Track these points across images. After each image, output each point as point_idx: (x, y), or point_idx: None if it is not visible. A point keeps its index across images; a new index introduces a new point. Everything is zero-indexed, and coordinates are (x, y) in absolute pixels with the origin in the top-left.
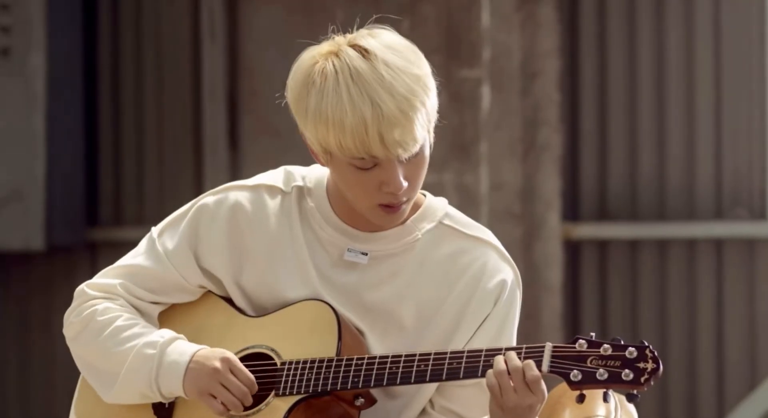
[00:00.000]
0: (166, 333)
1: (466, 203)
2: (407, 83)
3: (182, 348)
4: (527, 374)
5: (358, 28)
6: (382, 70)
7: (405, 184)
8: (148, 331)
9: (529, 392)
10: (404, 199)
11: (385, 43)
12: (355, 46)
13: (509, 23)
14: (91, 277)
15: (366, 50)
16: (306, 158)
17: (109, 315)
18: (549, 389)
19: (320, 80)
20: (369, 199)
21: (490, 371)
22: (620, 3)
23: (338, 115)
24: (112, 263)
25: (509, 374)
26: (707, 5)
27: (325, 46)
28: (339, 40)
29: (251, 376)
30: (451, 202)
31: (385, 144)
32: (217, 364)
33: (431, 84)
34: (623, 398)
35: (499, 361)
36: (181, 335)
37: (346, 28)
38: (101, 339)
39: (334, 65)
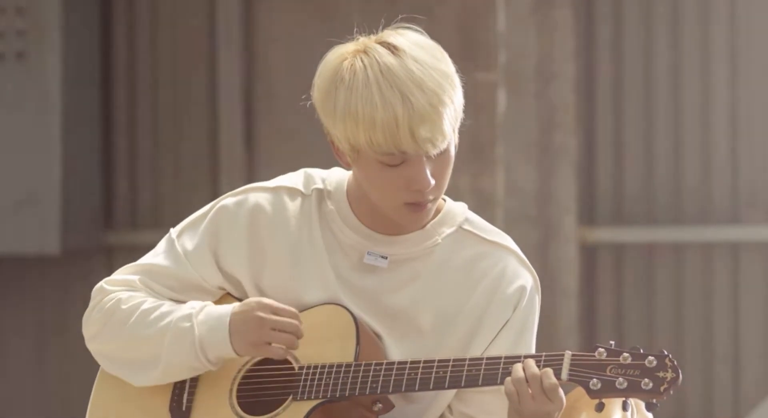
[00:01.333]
0: (195, 304)
1: (482, 207)
2: (436, 79)
3: (216, 312)
4: (545, 382)
5: (382, 29)
6: (412, 66)
7: (432, 181)
8: (176, 307)
9: (547, 399)
10: (430, 197)
11: (412, 40)
12: (383, 43)
13: (525, 26)
14: None
15: (395, 47)
16: (323, 160)
17: (134, 302)
18: (565, 394)
19: (349, 77)
20: (395, 198)
21: (508, 379)
22: (636, 6)
23: (369, 111)
24: None
25: (527, 381)
26: (723, 8)
27: (351, 46)
28: (365, 40)
29: (291, 308)
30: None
31: (415, 139)
32: (259, 313)
33: (458, 82)
34: (640, 402)
35: (518, 369)
36: (209, 301)
37: (363, 31)
38: (129, 325)
39: (363, 62)
